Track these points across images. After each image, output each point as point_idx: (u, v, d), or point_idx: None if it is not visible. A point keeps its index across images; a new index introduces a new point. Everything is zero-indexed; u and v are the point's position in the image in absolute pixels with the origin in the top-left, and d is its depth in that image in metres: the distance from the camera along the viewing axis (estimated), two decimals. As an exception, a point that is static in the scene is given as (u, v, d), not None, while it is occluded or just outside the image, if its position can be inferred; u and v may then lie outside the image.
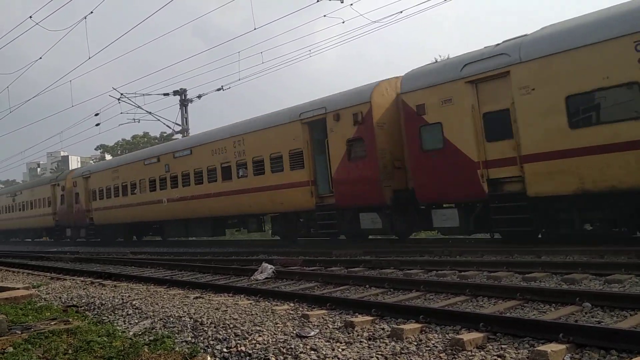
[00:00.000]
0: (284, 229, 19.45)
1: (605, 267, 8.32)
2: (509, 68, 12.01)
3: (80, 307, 8.66)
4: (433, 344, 4.95)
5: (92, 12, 21.47)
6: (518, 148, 12.02)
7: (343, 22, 24.13)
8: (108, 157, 55.38)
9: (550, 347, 4.40)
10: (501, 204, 12.34)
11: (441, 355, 4.64)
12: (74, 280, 12.57)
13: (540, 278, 8.20)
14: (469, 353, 4.63)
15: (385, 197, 14.72)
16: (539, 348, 4.45)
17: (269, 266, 11.14)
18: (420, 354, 4.73)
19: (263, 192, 18.46)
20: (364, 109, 15.13)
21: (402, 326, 5.46)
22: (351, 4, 20.52)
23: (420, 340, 5.11)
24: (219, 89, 30.71)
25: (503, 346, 4.75)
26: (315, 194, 16.78)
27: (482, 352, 4.62)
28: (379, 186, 14.77)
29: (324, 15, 22.74)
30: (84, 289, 10.84)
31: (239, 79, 40.92)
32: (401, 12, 37.33)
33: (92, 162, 61.22)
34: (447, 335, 5.18)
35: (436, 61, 18.03)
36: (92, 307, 8.53)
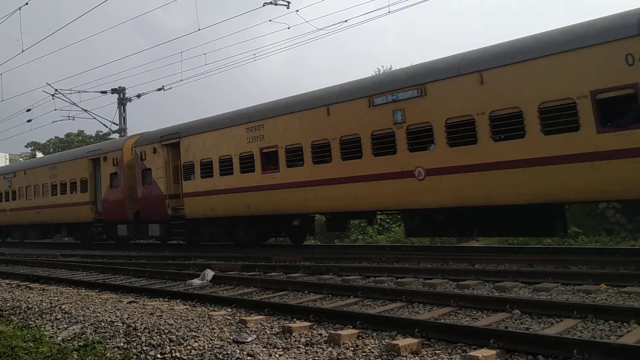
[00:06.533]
0: (80, 235, 25.87)
1: (534, 276, 8.64)
2: (179, 139, 18.70)
3: (5, 311, 8.26)
4: (369, 349, 5.01)
5: (27, 4, 20.65)
6: (182, 190, 18.67)
7: (289, 28, 24.31)
8: (39, 154, 53.07)
9: (481, 353, 4.54)
10: (176, 222, 19.04)
11: (377, 360, 4.70)
12: (-2, 282, 11.97)
13: (473, 285, 8.43)
14: (404, 358, 4.72)
15: (129, 215, 21.03)
16: (470, 353, 4.59)
17: (211, 272, 10.94)
18: (357, 359, 4.78)
19: (67, 207, 24.70)
20: (119, 154, 21.48)
21: (339, 332, 5.50)
22: (297, 10, 20.64)
23: (357, 345, 5.15)
24: (159, 89, 30.02)
25: (437, 351, 4.86)
26: (95, 210, 23.06)
27: (417, 358, 4.71)
28: (124, 207, 21.09)
29: (270, 20, 22.78)
30: (9, 292, 10.35)
31: (181, 80, 40.36)
32: (346, 21, 37.78)
33: (21, 159, 58.55)
34: (383, 341, 5.25)
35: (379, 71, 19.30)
36: (17, 311, 8.15)
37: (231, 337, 5.64)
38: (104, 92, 32.31)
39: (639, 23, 9.20)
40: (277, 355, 4.98)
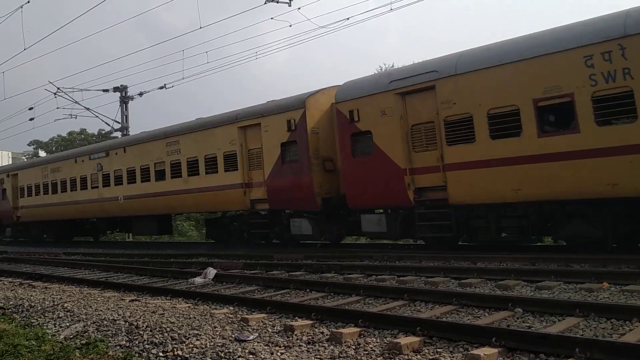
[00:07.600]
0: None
1: (536, 274, 8.64)
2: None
3: (7, 309, 8.27)
4: (371, 347, 5.01)
5: (28, 2, 20.67)
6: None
7: (290, 26, 24.33)
8: (42, 153, 53.10)
9: (483, 351, 4.54)
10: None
11: (378, 359, 4.70)
12: (0, 281, 11.99)
13: (475, 284, 8.42)
14: (406, 357, 4.71)
15: None
16: (472, 352, 4.58)
17: (213, 270, 10.95)
18: (358, 357, 4.78)
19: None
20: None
21: (341, 330, 5.50)
22: (299, 8, 20.69)
23: (359, 344, 5.15)
24: (161, 87, 30.03)
25: (439, 350, 4.85)
26: None
27: (419, 356, 4.71)
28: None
29: (272, 18, 22.76)
30: (11, 290, 10.36)
31: (183, 78, 40.39)
32: (348, 19, 37.76)
33: (24, 158, 58.62)
34: (384, 339, 5.25)
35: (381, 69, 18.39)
36: (20, 310, 8.16)
37: (233, 336, 5.65)
38: (106, 91, 32.31)
39: None
40: (278, 354, 4.98)
